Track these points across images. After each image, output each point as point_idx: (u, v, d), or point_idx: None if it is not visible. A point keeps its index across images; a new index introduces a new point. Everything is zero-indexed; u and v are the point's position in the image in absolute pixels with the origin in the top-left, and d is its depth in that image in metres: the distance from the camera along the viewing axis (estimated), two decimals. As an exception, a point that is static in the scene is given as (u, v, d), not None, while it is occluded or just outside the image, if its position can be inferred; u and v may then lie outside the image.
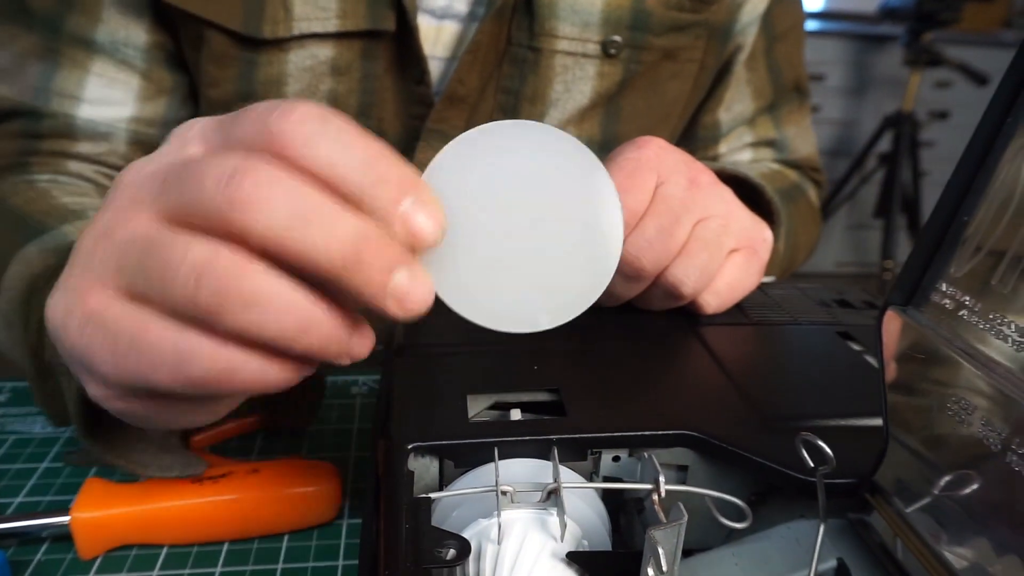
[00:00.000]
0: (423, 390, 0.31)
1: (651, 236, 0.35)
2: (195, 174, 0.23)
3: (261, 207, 0.21)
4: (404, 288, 0.22)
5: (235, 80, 0.50)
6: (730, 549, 0.28)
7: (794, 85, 0.65)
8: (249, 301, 0.22)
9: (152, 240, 0.23)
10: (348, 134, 0.23)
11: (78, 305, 0.24)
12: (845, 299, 0.44)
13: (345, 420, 0.46)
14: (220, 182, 0.22)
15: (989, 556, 0.22)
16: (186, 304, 0.22)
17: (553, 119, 0.54)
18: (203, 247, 0.22)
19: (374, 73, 0.51)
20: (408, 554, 0.23)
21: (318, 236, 0.22)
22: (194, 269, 0.22)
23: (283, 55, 0.49)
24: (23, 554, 0.35)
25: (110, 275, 0.24)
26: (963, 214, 0.24)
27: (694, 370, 0.34)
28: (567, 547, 0.25)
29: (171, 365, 0.23)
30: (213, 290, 0.22)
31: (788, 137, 0.66)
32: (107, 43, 0.49)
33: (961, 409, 0.23)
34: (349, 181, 0.23)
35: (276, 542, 0.36)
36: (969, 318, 0.23)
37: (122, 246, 0.24)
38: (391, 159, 0.23)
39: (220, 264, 0.22)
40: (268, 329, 0.22)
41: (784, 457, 0.27)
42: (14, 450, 0.42)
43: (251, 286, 0.22)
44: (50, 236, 0.40)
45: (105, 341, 0.24)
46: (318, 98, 0.50)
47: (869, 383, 0.33)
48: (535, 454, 0.28)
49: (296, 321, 0.22)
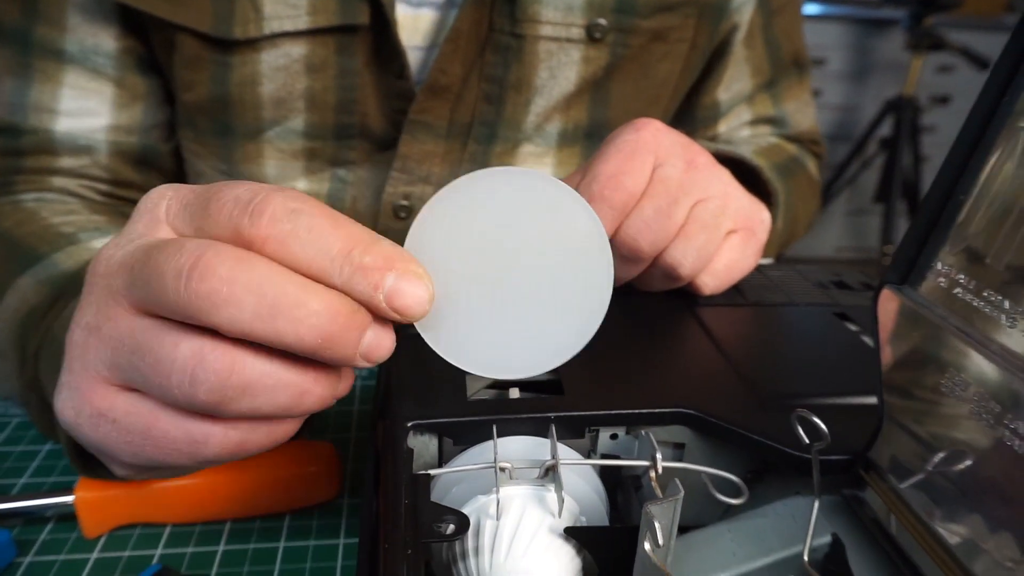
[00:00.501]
0: (422, 370, 0.31)
1: (649, 217, 0.35)
2: (155, 269, 0.23)
3: (226, 306, 0.22)
4: (371, 347, 0.24)
5: (209, 83, 0.49)
6: (726, 525, 0.28)
7: (793, 59, 0.64)
8: (243, 392, 0.23)
9: (137, 341, 0.24)
10: (321, 226, 0.23)
11: (85, 405, 0.25)
12: (843, 281, 0.44)
13: (345, 403, 0.46)
14: (179, 280, 0.22)
15: (982, 532, 0.22)
16: (187, 401, 0.23)
17: (539, 106, 0.53)
18: (188, 348, 0.23)
19: (352, 69, 0.50)
20: (408, 528, 0.23)
21: (287, 326, 0.23)
22: (185, 371, 0.23)
23: (256, 55, 0.48)
24: (28, 533, 0.35)
25: (108, 372, 0.25)
26: (959, 193, 0.24)
27: (691, 350, 0.34)
28: (565, 523, 0.25)
29: (187, 452, 0.25)
30: (208, 389, 0.23)
31: (788, 112, 0.65)
32: (77, 52, 0.48)
33: (955, 386, 0.23)
34: (327, 275, 0.23)
35: (278, 521, 0.37)
36: (964, 296, 0.23)
37: (112, 343, 0.25)
38: (367, 243, 0.23)
39: (208, 363, 0.23)
40: (265, 409, 0.24)
41: (780, 435, 0.28)
42: (17, 433, 0.43)
43: (241, 379, 0.23)
44: (42, 267, 0.40)
45: (119, 435, 0.25)
46: (294, 97, 0.50)
47: (865, 363, 0.34)
48: (533, 432, 0.28)
49: (289, 397, 0.24)
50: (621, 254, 0.36)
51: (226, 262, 0.22)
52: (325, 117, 0.51)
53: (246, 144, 0.52)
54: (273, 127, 0.51)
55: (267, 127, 0.51)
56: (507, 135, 0.54)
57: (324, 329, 0.23)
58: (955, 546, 0.23)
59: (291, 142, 0.52)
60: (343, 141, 0.52)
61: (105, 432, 0.25)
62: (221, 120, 0.51)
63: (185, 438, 0.25)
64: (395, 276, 0.23)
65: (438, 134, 0.52)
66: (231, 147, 0.52)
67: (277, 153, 0.52)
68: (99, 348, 0.25)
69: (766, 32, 0.61)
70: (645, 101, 0.57)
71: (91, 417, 0.25)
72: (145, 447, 0.25)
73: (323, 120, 0.51)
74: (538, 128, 0.55)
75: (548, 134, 0.55)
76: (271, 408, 0.24)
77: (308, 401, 0.25)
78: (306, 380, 0.24)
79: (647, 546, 0.23)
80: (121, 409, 0.25)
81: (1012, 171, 0.22)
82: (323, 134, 0.52)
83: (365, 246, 0.23)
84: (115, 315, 0.25)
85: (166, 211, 0.26)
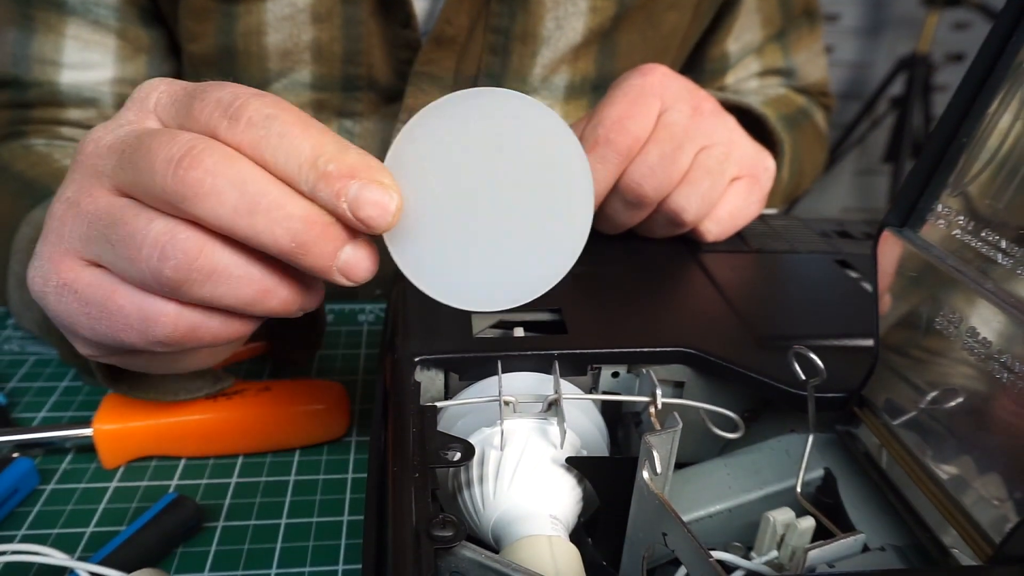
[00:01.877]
0: (429, 308, 0.32)
1: (654, 162, 0.35)
2: (147, 155, 0.24)
3: (208, 196, 0.23)
4: (350, 264, 0.24)
5: (215, 34, 0.49)
6: (722, 460, 0.29)
7: (804, 9, 0.63)
8: (208, 276, 0.24)
9: (114, 215, 0.25)
10: (292, 132, 0.24)
11: (53, 274, 0.26)
12: (845, 230, 0.44)
13: (352, 346, 0.47)
14: (169, 166, 0.23)
15: (971, 469, 0.23)
16: (150, 277, 0.24)
17: (545, 58, 0.53)
18: (162, 225, 0.24)
19: (357, 18, 0.49)
20: (416, 455, 0.24)
21: (263, 225, 0.23)
22: (156, 246, 0.24)
23: (261, 5, 0.48)
24: (49, 463, 0.36)
25: (80, 245, 0.26)
26: (962, 136, 0.24)
27: (693, 293, 0.35)
28: (567, 455, 0.26)
29: (138, 328, 0.25)
30: (174, 266, 0.24)
31: (797, 64, 0.65)
32: (78, 4, 0.48)
33: (950, 323, 0.24)
34: (295, 182, 0.24)
35: (288, 456, 0.38)
36: (963, 237, 0.24)
37: (88, 218, 0.25)
38: (333, 151, 0.24)
39: (179, 242, 0.24)
40: (227, 299, 0.25)
41: (777, 373, 0.28)
42: (35, 370, 0.44)
43: (209, 263, 0.24)
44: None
45: (79, 307, 0.26)
46: (301, 48, 0.50)
47: (864, 308, 0.34)
48: (537, 369, 0.29)
49: (253, 292, 0.25)
50: (625, 199, 0.36)
51: (214, 155, 0.23)
52: (332, 68, 0.51)
53: None
54: (280, 79, 0.51)
55: (274, 79, 0.51)
56: (514, 87, 0.54)
57: (299, 233, 0.23)
58: (945, 481, 0.24)
59: (298, 94, 0.52)
60: (350, 93, 0.52)
61: (67, 303, 0.26)
62: (227, 71, 0.51)
63: (138, 313, 0.25)
64: (359, 185, 0.23)
65: (444, 86, 0.52)
66: None
67: None
68: (75, 222, 0.26)
69: None
70: (653, 52, 0.56)
71: (56, 287, 0.26)
72: (101, 320, 0.26)
73: (330, 71, 0.51)
74: (545, 80, 0.54)
75: (555, 86, 0.55)
76: (232, 299, 0.25)
77: (271, 302, 0.25)
78: (272, 280, 0.25)
79: (645, 475, 0.24)
80: (84, 281, 0.26)
81: (1015, 114, 0.23)
82: (330, 86, 0.52)
83: (331, 154, 0.24)
84: (96, 193, 0.26)
85: (155, 103, 0.26)
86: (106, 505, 0.34)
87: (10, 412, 0.40)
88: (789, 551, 0.25)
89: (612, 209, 0.37)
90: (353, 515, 0.34)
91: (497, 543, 0.24)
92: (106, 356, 0.29)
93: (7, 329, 0.48)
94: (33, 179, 0.44)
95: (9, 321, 0.49)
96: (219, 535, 0.33)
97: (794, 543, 0.24)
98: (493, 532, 0.25)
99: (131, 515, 0.34)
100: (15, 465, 0.34)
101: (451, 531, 0.21)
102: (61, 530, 0.33)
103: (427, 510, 0.22)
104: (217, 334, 0.26)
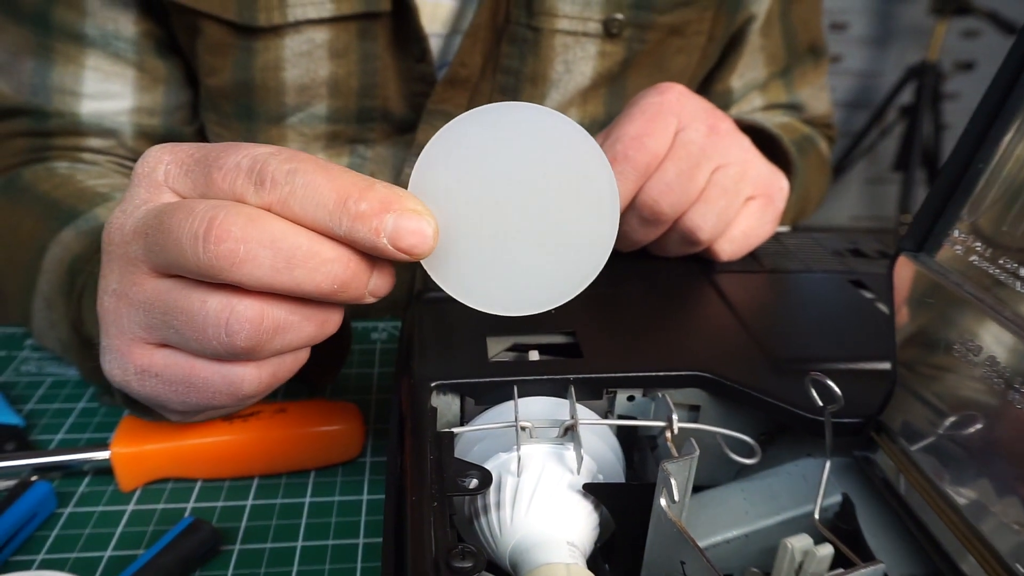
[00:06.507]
0: (444, 332, 0.32)
1: (671, 180, 0.36)
2: (169, 235, 0.24)
3: (244, 263, 0.24)
4: (378, 286, 0.26)
5: (232, 68, 0.49)
6: (739, 485, 0.29)
7: (809, 46, 0.63)
8: (275, 333, 0.26)
9: (166, 302, 0.26)
10: (316, 182, 0.24)
11: (128, 363, 0.27)
12: (859, 248, 0.44)
13: (366, 365, 0.47)
14: (197, 243, 0.24)
15: (991, 494, 0.23)
16: (223, 351, 0.25)
17: (554, 100, 0.53)
18: (218, 302, 0.25)
19: (373, 53, 0.50)
20: (433, 483, 0.24)
21: (304, 276, 0.24)
22: (219, 324, 0.25)
23: (279, 41, 0.48)
24: (67, 486, 0.37)
25: (143, 333, 0.27)
26: (979, 161, 0.24)
27: (707, 315, 0.35)
28: (583, 480, 0.26)
29: (226, 392, 0.27)
30: (245, 336, 0.25)
31: (802, 99, 0.65)
32: (97, 37, 0.48)
33: (968, 351, 0.23)
34: (329, 229, 0.25)
35: (303, 477, 0.38)
36: (980, 263, 0.24)
37: (141, 307, 0.26)
38: (361, 189, 0.24)
39: (239, 313, 0.25)
40: (295, 344, 0.27)
41: (793, 397, 0.28)
42: (52, 391, 0.44)
43: (272, 322, 0.25)
44: (84, 220, 0.41)
45: (165, 388, 0.27)
46: (317, 83, 0.50)
47: (879, 330, 0.34)
48: (552, 393, 0.29)
49: (313, 328, 0.27)
50: (642, 215, 0.37)
51: (238, 222, 0.24)
52: (348, 102, 0.51)
53: (269, 128, 0.52)
54: (296, 113, 0.51)
55: (290, 113, 0.51)
56: None
57: (338, 276, 0.25)
58: (964, 507, 0.24)
59: (314, 127, 0.52)
60: (364, 124, 0.53)
61: (152, 386, 0.27)
62: (244, 105, 0.51)
63: (223, 382, 0.27)
64: (395, 217, 0.24)
65: None
66: (254, 131, 0.52)
67: (300, 137, 0.53)
68: (130, 312, 0.27)
69: (784, 20, 0.60)
70: None
71: (136, 374, 0.27)
72: (190, 394, 0.27)
73: (346, 105, 0.52)
74: None
75: None
76: (300, 342, 0.27)
77: (329, 327, 0.27)
78: (326, 310, 0.27)
79: (663, 502, 0.24)
80: (160, 364, 0.27)
81: (1033, 139, 0.23)
82: (345, 118, 0.52)
83: (360, 193, 0.24)
84: (138, 280, 0.26)
85: (165, 175, 0.27)
86: (123, 528, 0.34)
87: (28, 434, 0.40)
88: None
89: (628, 226, 0.38)
90: (369, 538, 0.34)
91: (515, 569, 0.24)
92: (197, 417, 0.31)
93: (24, 350, 0.48)
94: (58, 200, 0.44)
95: (27, 342, 0.49)
96: (236, 558, 0.33)
97: (813, 571, 0.24)
98: (511, 558, 0.25)
99: (148, 538, 0.34)
100: (34, 489, 0.34)
101: (471, 562, 0.21)
102: (80, 554, 0.33)
103: (446, 540, 0.22)
104: (292, 368, 0.29)
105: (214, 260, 0.23)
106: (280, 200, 0.24)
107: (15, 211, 0.45)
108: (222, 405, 0.28)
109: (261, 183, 0.24)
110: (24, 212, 0.45)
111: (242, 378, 0.27)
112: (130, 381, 0.28)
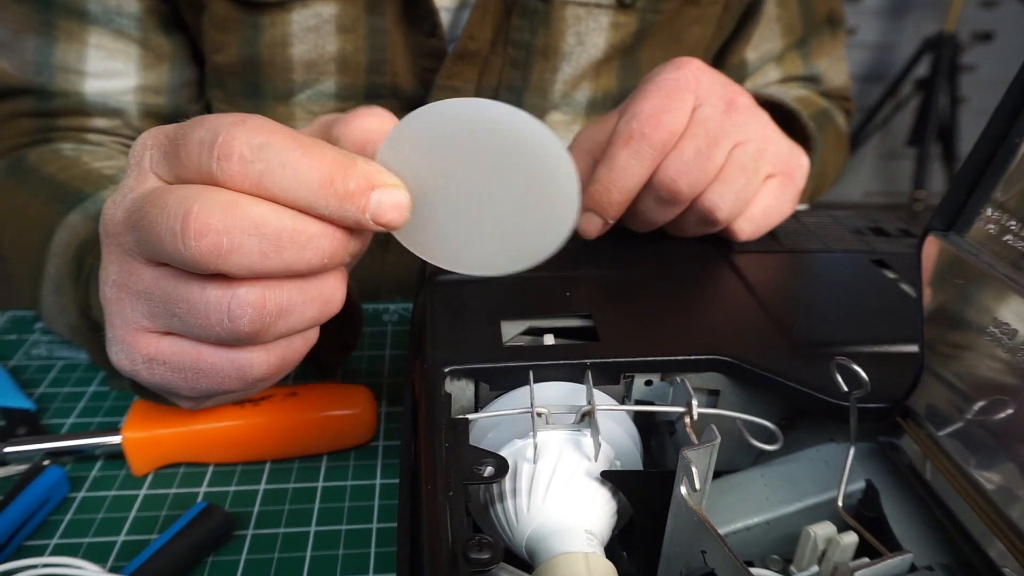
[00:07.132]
0: (457, 315, 0.31)
1: (688, 159, 0.34)
2: (150, 229, 0.24)
3: (231, 254, 0.23)
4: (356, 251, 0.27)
5: (239, 44, 0.48)
6: (759, 470, 0.28)
7: (827, 17, 0.61)
8: (279, 315, 0.25)
9: (166, 290, 0.25)
10: (294, 159, 0.24)
11: (135, 354, 0.27)
12: (880, 227, 0.43)
13: (377, 347, 0.47)
14: (176, 240, 0.23)
15: (1019, 479, 0.22)
16: (228, 336, 0.25)
17: (567, 73, 0.52)
18: (217, 287, 0.24)
19: (382, 28, 0.49)
20: (448, 471, 0.24)
21: (293, 256, 0.24)
22: (221, 310, 0.24)
23: (286, 16, 0.47)
24: (79, 470, 0.37)
25: (147, 322, 0.27)
26: (1014, 136, 0.23)
27: (726, 297, 0.34)
28: (600, 467, 0.26)
29: (235, 376, 0.27)
30: (248, 321, 0.25)
31: (819, 70, 0.63)
32: (100, 13, 0.47)
33: (1002, 334, 0.23)
34: (313, 208, 0.24)
35: (315, 462, 0.38)
36: (1015, 243, 0.23)
37: (142, 297, 0.26)
38: (344, 167, 0.24)
39: (240, 298, 0.24)
40: (301, 324, 0.26)
41: (815, 382, 0.28)
42: (63, 374, 0.44)
43: (275, 304, 0.25)
44: (91, 202, 0.41)
45: (174, 375, 0.27)
46: (325, 59, 0.49)
47: (903, 311, 0.33)
48: (568, 378, 0.29)
49: (318, 307, 0.26)
50: (659, 195, 0.36)
51: (215, 212, 0.23)
52: (356, 78, 0.50)
53: (277, 106, 0.51)
54: (304, 90, 0.50)
55: (298, 90, 0.50)
56: (534, 102, 0.53)
57: (327, 249, 0.25)
58: (992, 492, 0.23)
59: (322, 104, 0.51)
60: (373, 100, 0.52)
61: (161, 374, 0.27)
62: (251, 82, 0.50)
63: (232, 367, 0.26)
64: (378, 193, 0.24)
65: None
66: (261, 110, 0.51)
67: (307, 115, 0.52)
68: (132, 302, 0.26)
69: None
70: None
71: (145, 363, 0.27)
72: (199, 380, 0.27)
73: (354, 81, 0.51)
74: (566, 96, 0.54)
75: (576, 102, 0.54)
76: (306, 322, 0.26)
77: (334, 306, 0.27)
78: (327, 286, 0.27)
79: (683, 490, 0.23)
80: (167, 351, 0.27)
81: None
82: (354, 95, 0.51)
83: (344, 171, 0.24)
84: (136, 270, 0.26)
85: (150, 161, 0.26)
86: (136, 513, 0.34)
87: (39, 418, 0.40)
88: (831, 567, 0.24)
89: (644, 206, 0.37)
90: (382, 522, 0.34)
91: (531, 558, 0.24)
92: (208, 403, 0.31)
93: (35, 333, 0.48)
94: (64, 182, 0.44)
95: (37, 325, 0.49)
96: (249, 543, 0.33)
97: (836, 559, 0.24)
98: (527, 547, 0.24)
99: (161, 523, 0.34)
100: (47, 474, 0.34)
101: (488, 553, 0.20)
102: (93, 539, 0.33)
103: (463, 531, 0.21)
104: (302, 351, 0.28)
105: (198, 255, 0.23)
106: (254, 179, 0.24)
107: (21, 193, 0.45)
108: (233, 390, 0.28)
109: (227, 157, 0.23)
110: (30, 195, 0.44)
111: (251, 362, 0.27)
112: (139, 370, 0.27)
